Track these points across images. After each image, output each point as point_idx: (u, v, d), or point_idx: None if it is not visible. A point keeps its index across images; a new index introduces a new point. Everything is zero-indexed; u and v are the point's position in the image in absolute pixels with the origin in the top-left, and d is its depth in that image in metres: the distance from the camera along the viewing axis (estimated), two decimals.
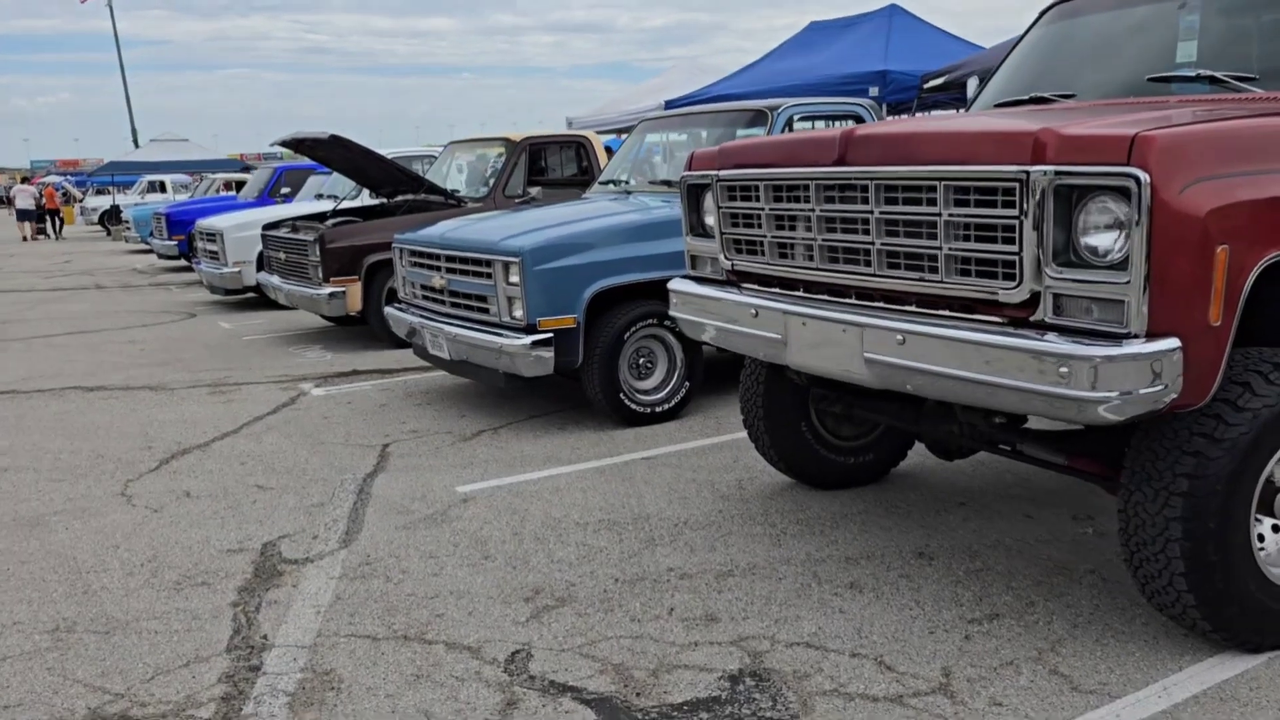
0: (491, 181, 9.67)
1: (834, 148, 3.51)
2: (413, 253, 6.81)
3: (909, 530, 4.33)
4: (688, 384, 6.29)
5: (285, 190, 17.18)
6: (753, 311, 3.86)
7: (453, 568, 4.10)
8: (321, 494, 5.12)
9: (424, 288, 6.74)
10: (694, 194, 4.35)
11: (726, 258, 4.13)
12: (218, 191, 23.80)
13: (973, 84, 5.36)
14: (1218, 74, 3.85)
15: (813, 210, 3.64)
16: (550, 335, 5.76)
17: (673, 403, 6.25)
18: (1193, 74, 3.98)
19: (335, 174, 13.69)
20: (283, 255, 9.54)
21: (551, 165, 10.48)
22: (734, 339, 4.02)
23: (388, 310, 7.33)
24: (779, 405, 4.68)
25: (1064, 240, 2.89)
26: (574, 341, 5.86)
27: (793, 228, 3.77)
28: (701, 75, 18.23)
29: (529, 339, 5.72)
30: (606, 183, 7.68)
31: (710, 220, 4.29)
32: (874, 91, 12.24)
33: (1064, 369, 2.78)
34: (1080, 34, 4.83)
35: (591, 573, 4.00)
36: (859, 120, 7.16)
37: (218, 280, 12.02)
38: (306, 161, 17.45)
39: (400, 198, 10.61)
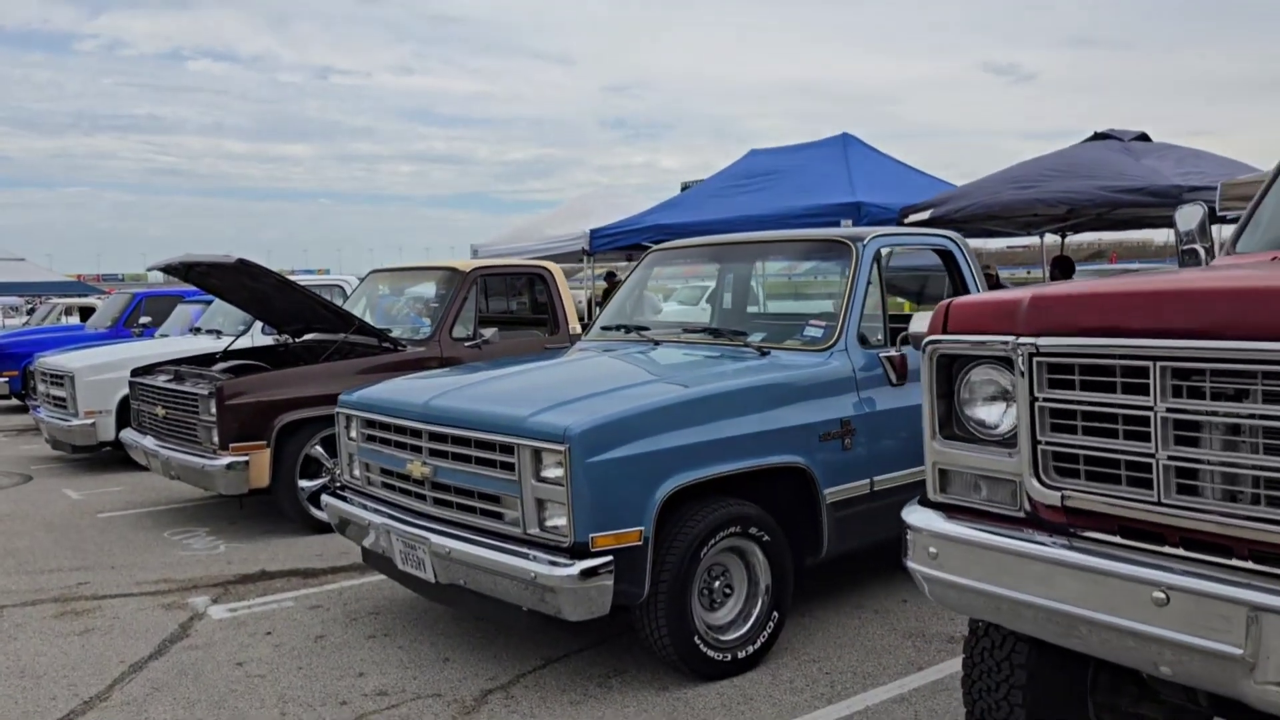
0: (434, 320, 7.80)
1: None
2: (372, 423, 4.87)
3: None
4: (776, 615, 4.49)
5: (145, 320, 14.84)
6: (1159, 595, 2.13)
7: None
8: None
9: (387, 473, 4.80)
10: (947, 369, 2.66)
11: (1048, 485, 2.42)
12: (59, 319, 20.98)
13: (1193, 213, 3.90)
14: None
15: None
16: (609, 558, 3.90)
17: (758, 643, 4.43)
18: None
19: (216, 304, 11.58)
20: (161, 411, 7.38)
21: (500, 300, 8.71)
22: (1099, 637, 2.27)
23: (324, 499, 5.32)
24: (1045, 704, 2.93)
25: None
26: (640, 565, 4.00)
27: (1222, 443, 2.11)
28: (618, 199, 16.94)
29: (579, 565, 3.84)
30: (613, 328, 5.94)
31: (989, 415, 2.59)
32: (848, 224, 10.98)
33: None
34: None
35: None
36: (948, 255, 5.67)
37: (64, 434, 9.61)
38: (170, 286, 15.24)
39: (308, 337, 8.62)
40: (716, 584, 4.37)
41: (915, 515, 2.69)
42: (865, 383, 4.84)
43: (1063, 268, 12.15)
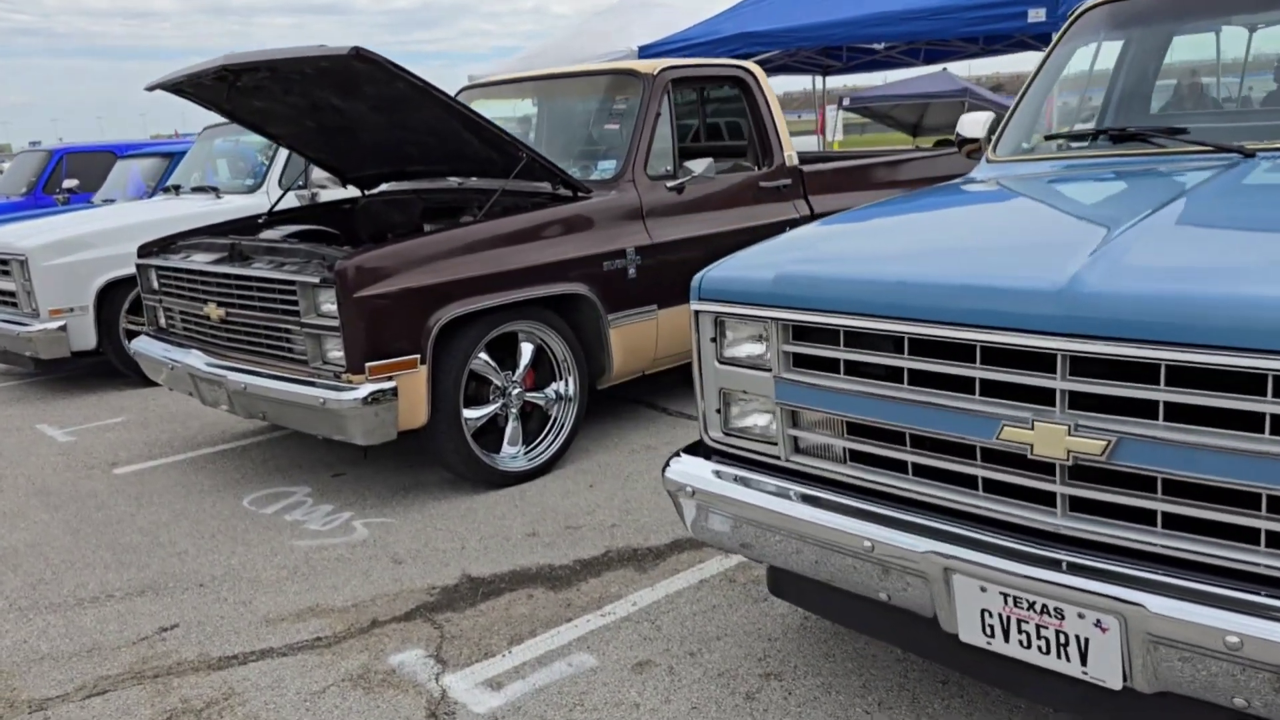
0: (622, 152, 5.09)
1: None
2: (818, 332, 2.30)
3: None
4: None
5: (70, 184, 11.66)
6: None
7: None
8: None
9: (884, 439, 2.26)
10: None
11: None
12: None
13: None
14: None
15: None
16: None
17: None
18: None
19: (194, 153, 8.58)
20: (215, 311, 4.61)
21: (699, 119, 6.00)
22: None
23: (670, 472, 2.76)
24: None
25: None
26: None
27: None
28: (656, 9, 13.92)
29: None
30: (1081, 138, 3.40)
31: None
32: (1036, 15, 8.42)
33: None
34: None
35: None
36: None
37: (19, 344, 6.71)
38: (91, 141, 12.15)
39: (384, 188, 5.89)
40: None
41: None
42: None
43: None
